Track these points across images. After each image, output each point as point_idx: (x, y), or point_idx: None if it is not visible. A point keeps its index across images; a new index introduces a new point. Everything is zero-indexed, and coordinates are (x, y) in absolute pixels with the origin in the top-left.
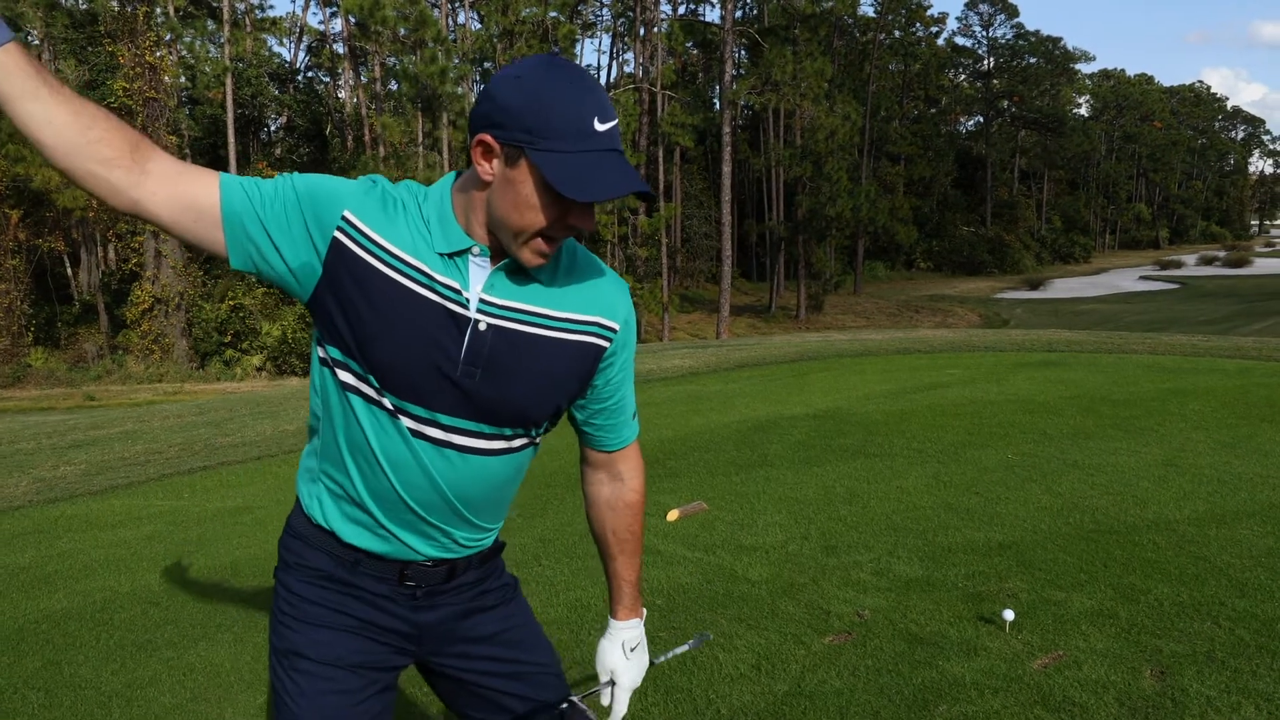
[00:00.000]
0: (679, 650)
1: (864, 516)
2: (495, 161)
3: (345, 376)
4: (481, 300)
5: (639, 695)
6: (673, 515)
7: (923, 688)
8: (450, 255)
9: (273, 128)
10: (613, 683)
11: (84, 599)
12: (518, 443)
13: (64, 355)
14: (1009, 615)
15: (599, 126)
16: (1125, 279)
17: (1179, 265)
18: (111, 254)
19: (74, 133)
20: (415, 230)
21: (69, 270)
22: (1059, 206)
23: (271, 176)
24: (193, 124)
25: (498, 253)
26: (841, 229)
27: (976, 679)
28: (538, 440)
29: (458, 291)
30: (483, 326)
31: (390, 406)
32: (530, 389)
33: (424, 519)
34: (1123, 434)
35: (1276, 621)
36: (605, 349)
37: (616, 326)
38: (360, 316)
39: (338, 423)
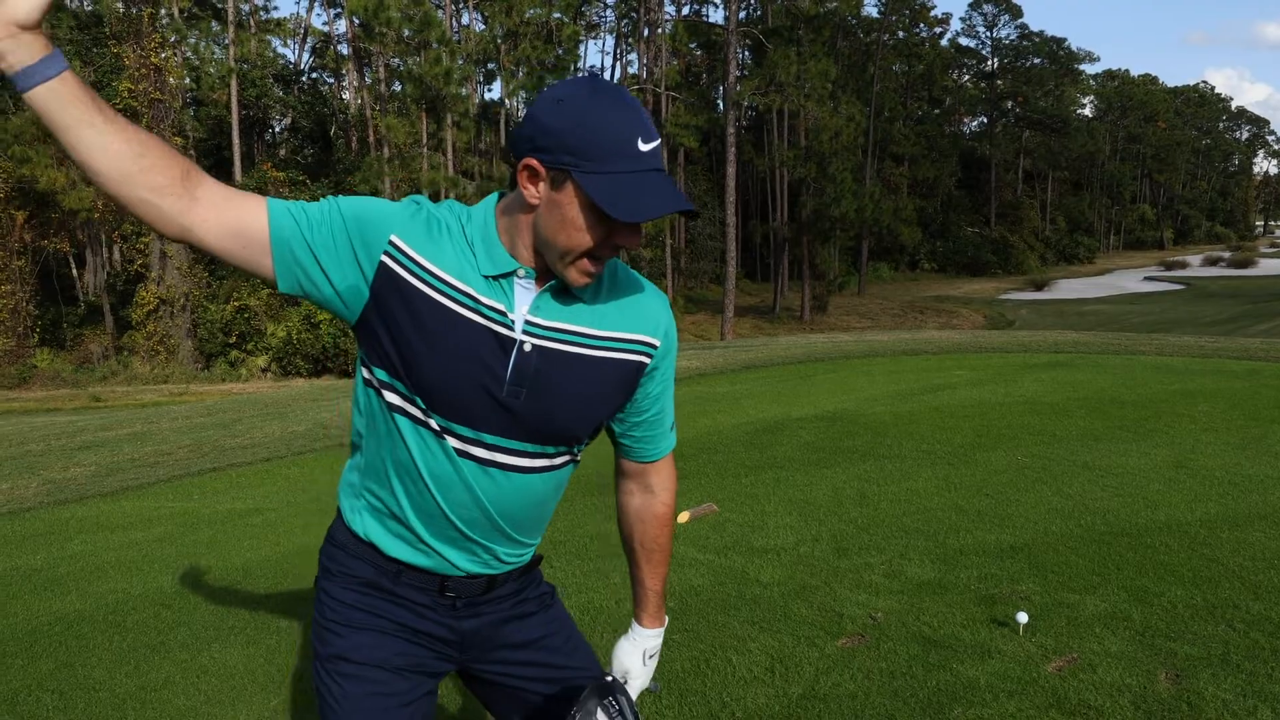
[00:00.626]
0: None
1: (874, 518)
2: (541, 185)
3: (391, 397)
4: (527, 321)
5: (654, 699)
6: (684, 517)
7: (937, 691)
8: (495, 277)
9: (277, 129)
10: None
11: (96, 601)
12: (560, 460)
13: (70, 356)
14: (1023, 618)
15: (643, 147)
16: (1130, 280)
17: (1184, 266)
18: (117, 255)
19: (127, 161)
20: (460, 253)
21: (74, 271)
22: (1063, 207)
23: (275, 178)
24: (197, 125)
25: (543, 273)
26: (846, 230)
27: (991, 682)
28: (579, 456)
29: (503, 314)
30: (528, 348)
31: (437, 427)
32: (574, 407)
33: (467, 536)
34: (1132, 436)
35: None
36: (647, 365)
37: (658, 342)
38: (407, 339)
39: (383, 441)
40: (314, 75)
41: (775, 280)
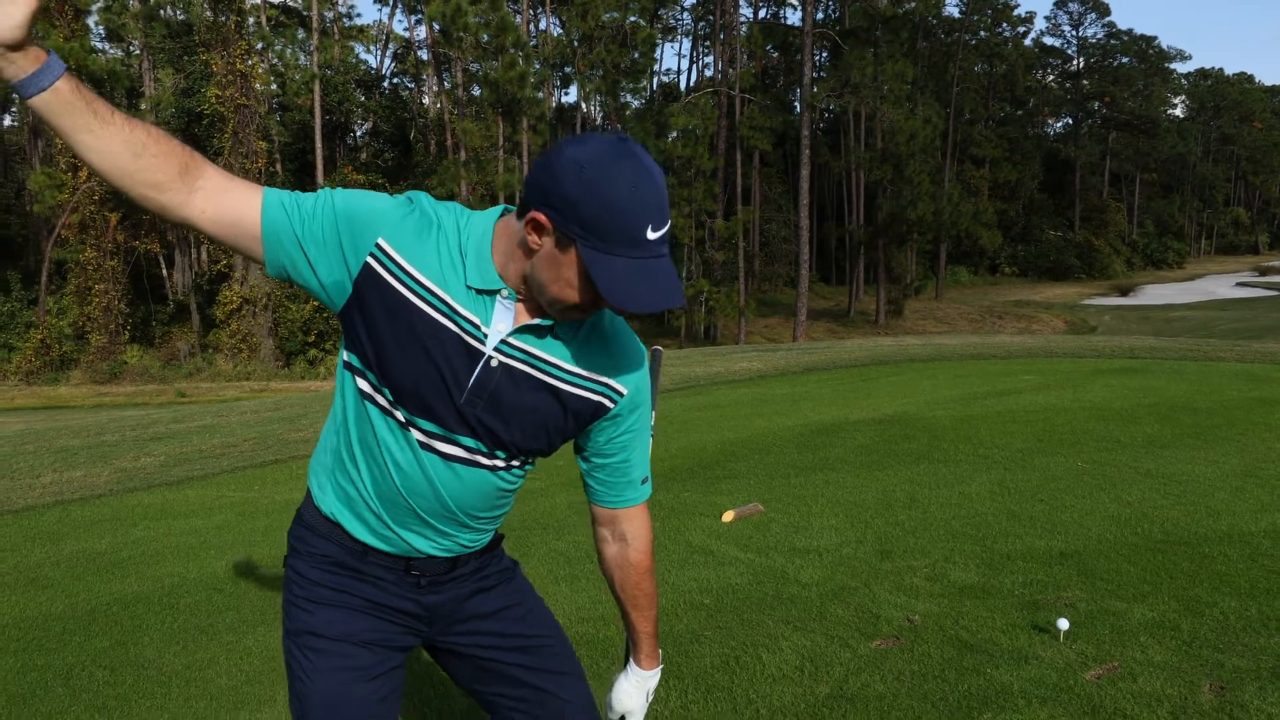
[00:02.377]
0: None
1: (922, 521)
2: (546, 239)
3: (363, 385)
4: (502, 340)
5: (680, 693)
6: (728, 516)
7: (968, 695)
8: (479, 291)
9: (359, 133)
10: (623, 718)
11: (153, 584)
12: (517, 463)
13: (158, 353)
14: (1064, 624)
15: (651, 235)
16: (1221, 285)
17: (1279, 272)
18: (204, 256)
19: (125, 160)
20: (448, 258)
21: (164, 271)
22: (1151, 210)
23: (356, 181)
24: (282, 130)
25: (528, 299)
26: (923, 233)
27: (1025, 688)
28: (533, 461)
29: (476, 326)
30: (494, 363)
31: (402, 419)
32: (525, 427)
33: (428, 523)
34: (1201, 443)
35: None
36: (609, 409)
37: (625, 391)
38: (381, 336)
39: (352, 425)
40: (395, 80)
41: (850, 284)
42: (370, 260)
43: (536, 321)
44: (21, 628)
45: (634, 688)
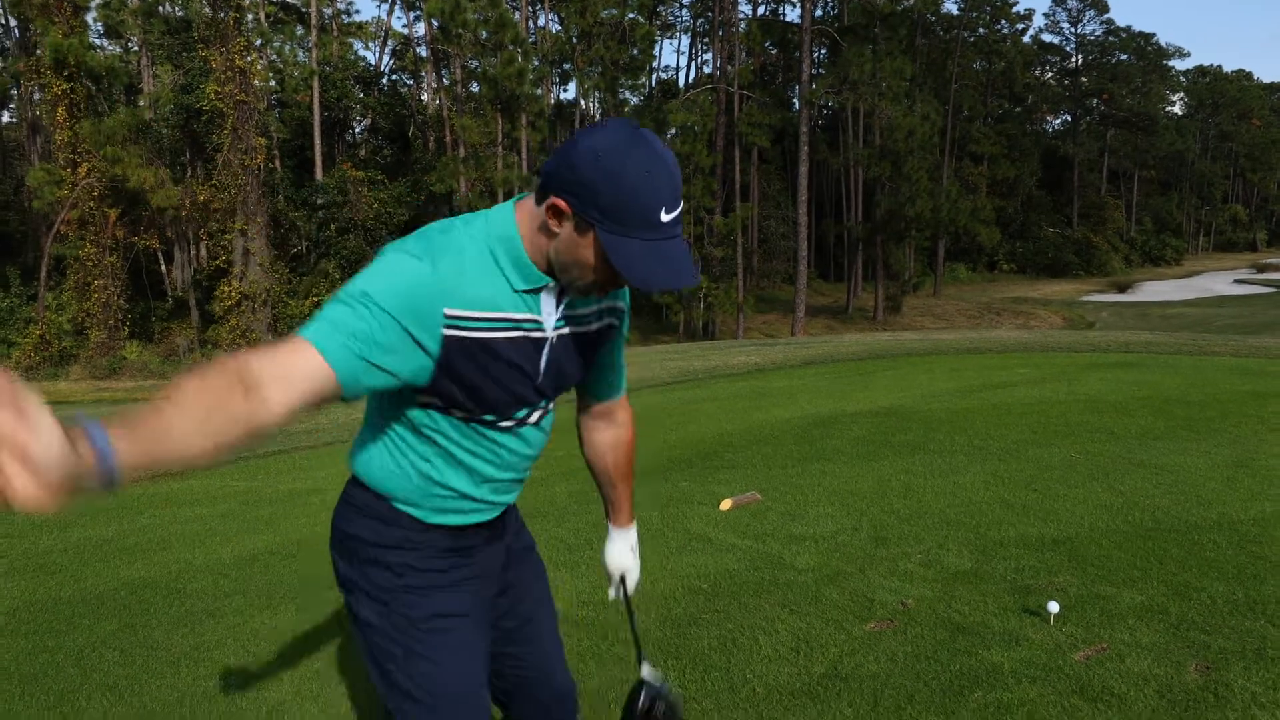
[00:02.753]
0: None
1: (917, 510)
2: (565, 223)
3: (455, 412)
4: (556, 321)
5: (678, 672)
6: (726, 505)
7: (960, 674)
8: (526, 291)
9: (357, 130)
10: (623, 580)
11: (160, 569)
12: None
13: (157, 349)
14: (1054, 607)
15: (665, 217)
16: (1219, 282)
17: (1277, 268)
18: (203, 251)
19: (202, 439)
20: (491, 279)
21: (163, 267)
22: (1149, 207)
23: (355, 177)
24: (281, 126)
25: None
26: (921, 230)
27: (1015, 668)
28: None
29: (536, 322)
30: (555, 340)
31: (499, 422)
32: (578, 369)
33: (503, 488)
34: (1194, 435)
35: None
36: (618, 326)
37: (624, 307)
38: (471, 379)
39: (442, 441)
40: (393, 77)
41: (849, 280)
42: (447, 332)
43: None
44: (31, 611)
45: (623, 545)
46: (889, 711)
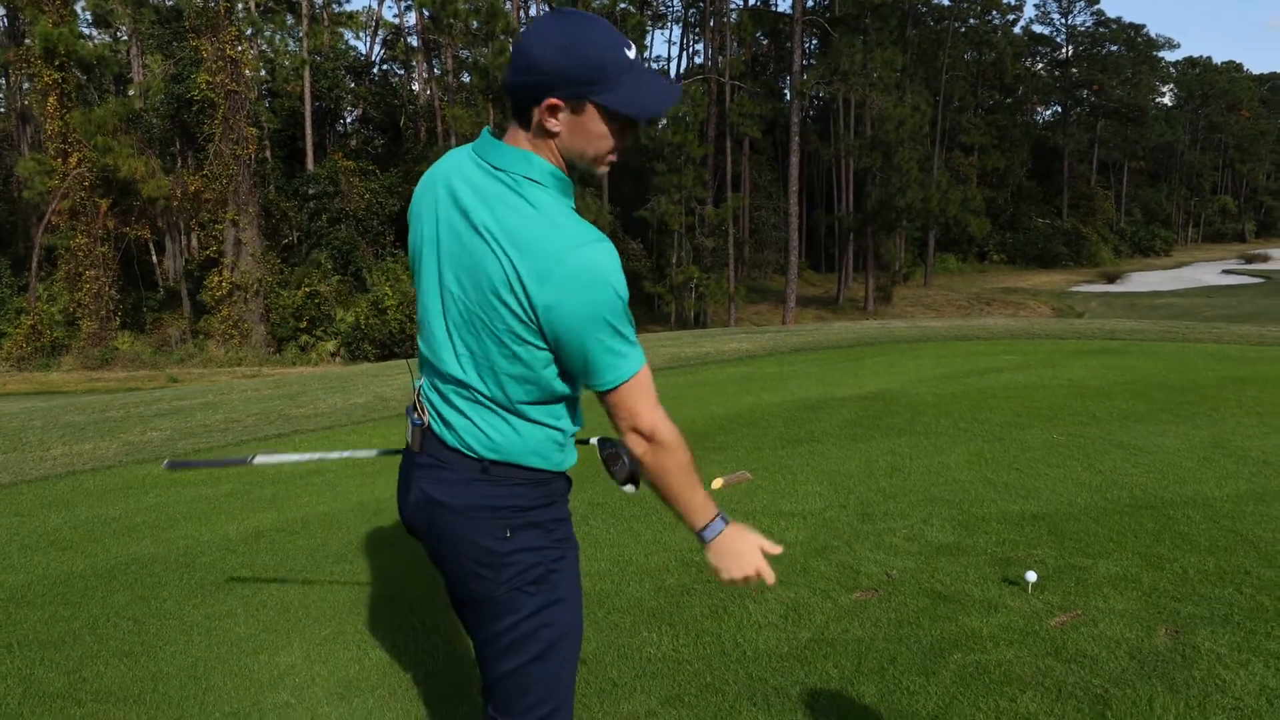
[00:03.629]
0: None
1: (903, 488)
2: (562, 115)
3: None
4: None
5: (672, 638)
6: (717, 484)
7: (940, 639)
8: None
9: (348, 120)
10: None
11: (169, 545)
12: None
13: (149, 339)
14: (1032, 576)
15: (630, 54)
16: (1207, 273)
17: (1265, 259)
18: (195, 242)
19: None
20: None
21: (154, 257)
22: (1139, 198)
23: (346, 167)
24: (272, 116)
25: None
26: (912, 220)
27: (993, 632)
28: None
29: None
30: None
31: None
32: None
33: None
34: (1173, 418)
35: None
36: None
37: None
38: None
39: (557, 390)
40: (385, 67)
41: (839, 271)
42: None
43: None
44: (45, 584)
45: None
46: (872, 673)
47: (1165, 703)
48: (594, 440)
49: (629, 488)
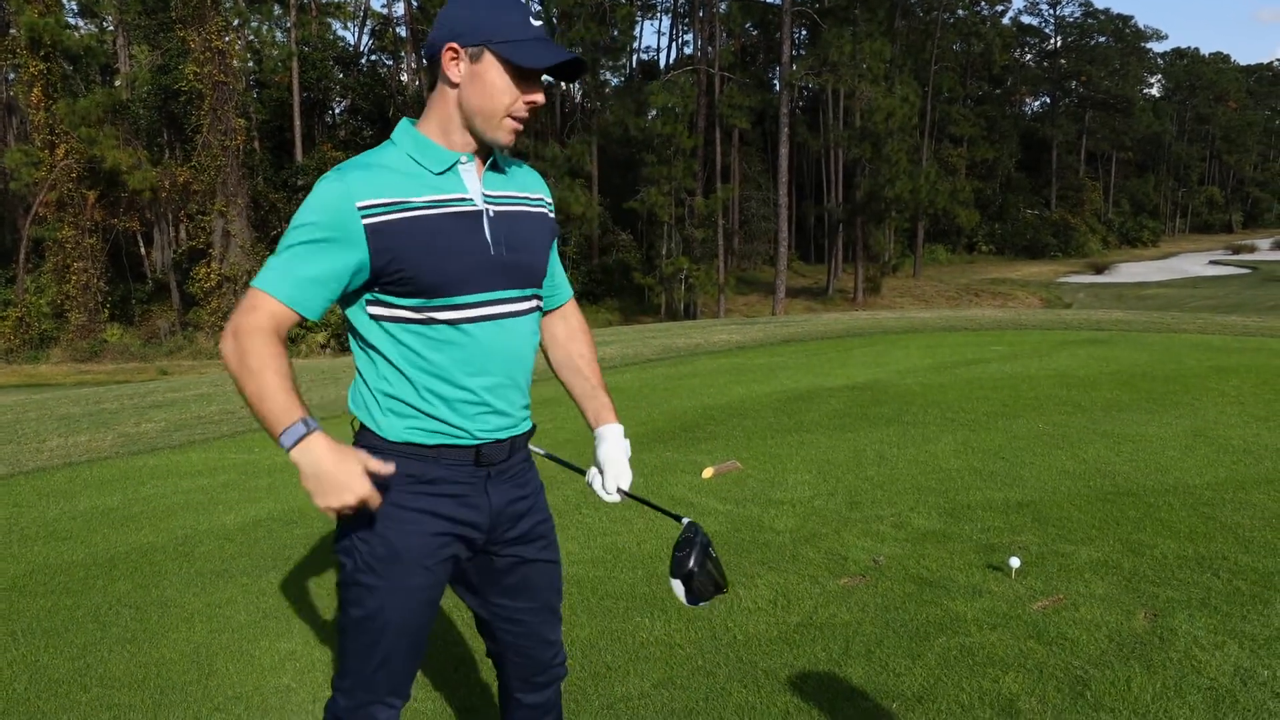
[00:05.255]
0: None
1: (890, 477)
2: (462, 64)
3: (409, 315)
4: (483, 195)
5: (664, 622)
6: (708, 473)
7: (926, 623)
8: (443, 171)
9: (337, 110)
10: (601, 473)
11: (168, 535)
12: (534, 303)
13: (138, 331)
14: (1015, 562)
15: (534, 23)
16: (1194, 264)
17: (1252, 250)
18: (183, 233)
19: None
20: (407, 171)
21: (143, 249)
22: (1127, 189)
23: (335, 158)
24: (260, 107)
25: (479, 155)
26: (901, 211)
27: (977, 616)
28: (541, 305)
29: (462, 198)
30: (491, 214)
31: (456, 313)
32: (536, 249)
33: (494, 393)
34: (1157, 407)
35: (1275, 575)
36: (552, 217)
37: (550, 200)
38: (412, 259)
39: (410, 354)
40: (373, 57)
41: (829, 262)
42: (366, 222)
43: (488, 170)
44: (47, 573)
45: (615, 443)
46: (859, 656)
47: (1143, 683)
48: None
49: (676, 584)
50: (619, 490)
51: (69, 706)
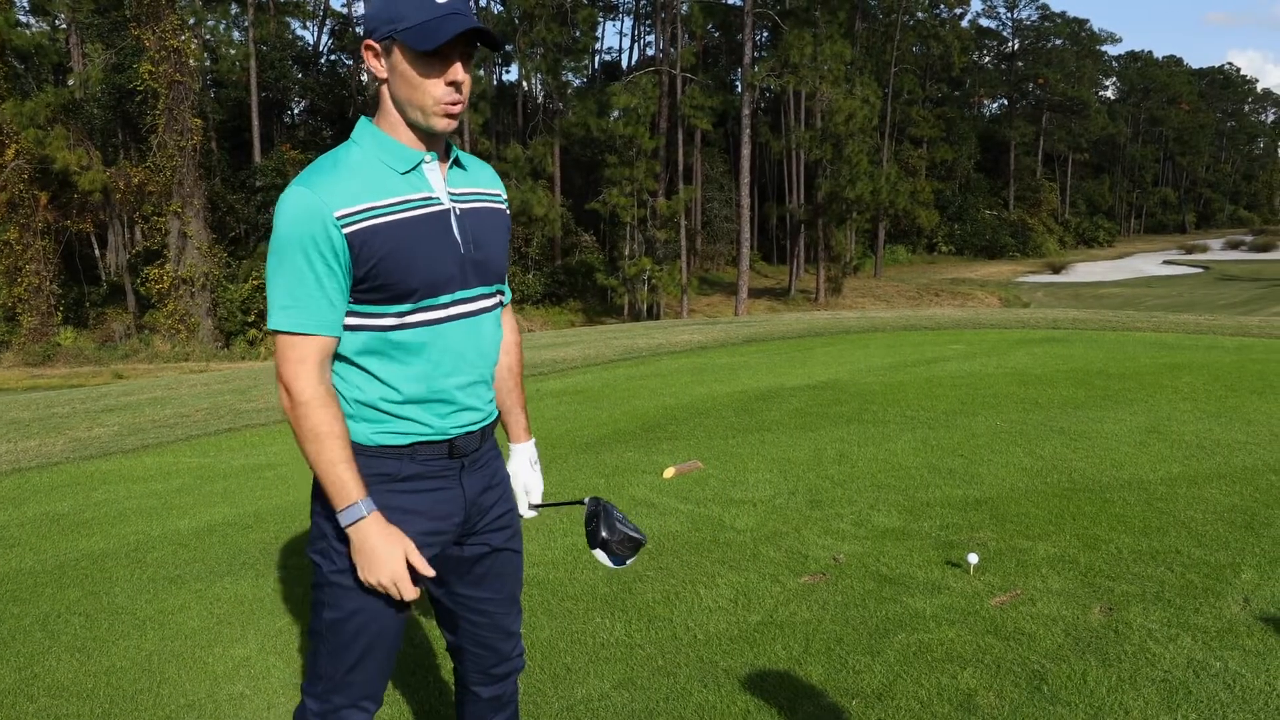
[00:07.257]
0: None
1: (850, 475)
2: (381, 60)
3: (385, 321)
4: (449, 194)
5: (625, 623)
6: (669, 473)
7: (885, 620)
8: (408, 171)
9: (296, 110)
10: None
11: (119, 541)
12: (498, 298)
13: (92, 335)
14: (973, 559)
15: (440, 0)
16: (1149, 263)
17: (1204, 249)
18: (139, 235)
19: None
20: (374, 173)
21: (96, 251)
22: (1083, 190)
23: (293, 158)
24: (217, 107)
25: (441, 155)
26: (862, 212)
27: (936, 613)
28: (502, 301)
29: (429, 197)
30: (458, 212)
31: (421, 319)
32: (498, 246)
33: (466, 390)
34: (1112, 404)
35: (1227, 568)
36: (507, 212)
37: (505, 195)
38: (387, 265)
39: (382, 359)
40: (333, 57)
41: (791, 262)
42: (346, 232)
43: (452, 158)
44: None
45: (523, 460)
46: (819, 653)
47: (1098, 676)
48: (586, 500)
49: (598, 553)
50: (530, 505)
51: (14, 718)
